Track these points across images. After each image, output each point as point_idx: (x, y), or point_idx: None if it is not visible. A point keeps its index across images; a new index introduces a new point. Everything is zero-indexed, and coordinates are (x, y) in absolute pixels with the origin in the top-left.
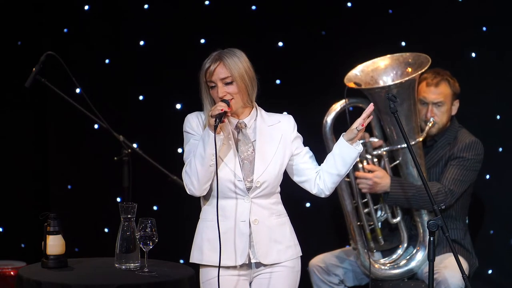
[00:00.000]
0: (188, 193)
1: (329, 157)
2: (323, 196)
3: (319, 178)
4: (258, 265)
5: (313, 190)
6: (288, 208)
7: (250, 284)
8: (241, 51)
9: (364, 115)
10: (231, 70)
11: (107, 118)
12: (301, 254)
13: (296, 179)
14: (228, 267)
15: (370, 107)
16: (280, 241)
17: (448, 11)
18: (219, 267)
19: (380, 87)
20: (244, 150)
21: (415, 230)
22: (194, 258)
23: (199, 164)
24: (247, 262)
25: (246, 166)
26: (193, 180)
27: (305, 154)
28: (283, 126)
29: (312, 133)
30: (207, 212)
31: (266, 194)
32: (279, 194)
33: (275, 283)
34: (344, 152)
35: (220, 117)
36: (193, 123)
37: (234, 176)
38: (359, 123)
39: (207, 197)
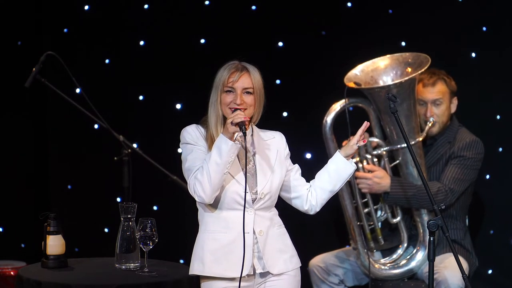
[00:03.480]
0: (197, 200)
1: (322, 173)
2: (312, 213)
3: (311, 195)
4: (263, 275)
5: (304, 207)
6: (289, 208)
7: None
8: None
9: (360, 131)
10: (254, 82)
11: (107, 118)
12: (300, 264)
13: (286, 195)
14: (231, 279)
15: (365, 124)
16: (284, 251)
17: (448, 11)
18: (240, 277)
19: (380, 86)
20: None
21: (415, 230)
22: (194, 269)
23: (214, 172)
24: (251, 273)
25: (249, 179)
26: (206, 188)
27: (297, 171)
28: (277, 142)
29: (312, 133)
30: (209, 223)
31: (268, 206)
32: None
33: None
34: (341, 168)
35: (243, 125)
36: (194, 134)
37: (240, 187)
38: (357, 139)
39: (210, 208)
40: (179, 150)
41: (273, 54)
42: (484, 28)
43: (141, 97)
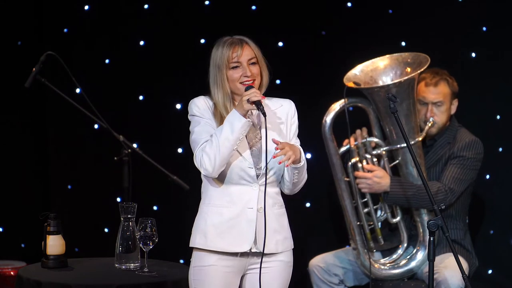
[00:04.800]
0: (203, 172)
1: None
2: (284, 192)
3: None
4: (257, 255)
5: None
6: (288, 208)
7: (242, 277)
8: None
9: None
10: (255, 52)
11: (107, 118)
12: (293, 246)
13: None
14: (226, 257)
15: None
16: (279, 232)
17: (448, 11)
18: (262, 254)
19: (379, 86)
20: (252, 137)
21: (415, 230)
22: (196, 243)
23: (224, 147)
24: (248, 250)
25: (255, 153)
26: (213, 161)
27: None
28: (285, 109)
29: (312, 133)
30: (213, 197)
31: (273, 182)
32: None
33: (271, 278)
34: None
35: (261, 104)
36: (201, 106)
37: (246, 163)
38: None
39: (216, 182)
40: (179, 150)
41: (273, 54)
42: (484, 28)
43: (141, 97)
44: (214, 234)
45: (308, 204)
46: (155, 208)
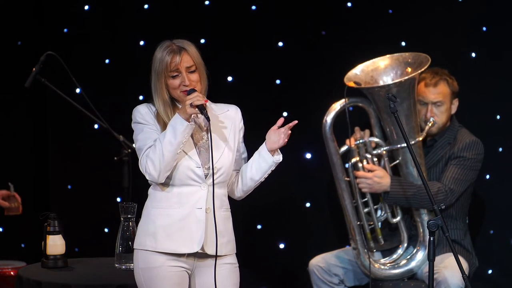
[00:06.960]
0: (148, 178)
1: (250, 159)
2: (233, 197)
3: (236, 178)
4: (204, 256)
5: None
6: (288, 208)
7: (190, 278)
8: None
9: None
10: (194, 59)
11: (107, 118)
12: (236, 251)
13: None
14: (173, 257)
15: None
16: (223, 235)
17: (448, 11)
18: (215, 256)
19: (380, 86)
20: (199, 138)
21: (415, 230)
22: (147, 245)
23: (167, 151)
24: (194, 252)
25: (203, 154)
26: (157, 167)
27: (242, 154)
28: (231, 114)
29: (312, 133)
30: (161, 199)
31: (222, 182)
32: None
33: (221, 281)
34: (262, 156)
35: (204, 108)
36: (144, 113)
37: (193, 162)
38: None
39: (164, 184)
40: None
41: (273, 54)
42: (484, 28)
43: (141, 97)
44: (164, 235)
45: (308, 204)
46: None
